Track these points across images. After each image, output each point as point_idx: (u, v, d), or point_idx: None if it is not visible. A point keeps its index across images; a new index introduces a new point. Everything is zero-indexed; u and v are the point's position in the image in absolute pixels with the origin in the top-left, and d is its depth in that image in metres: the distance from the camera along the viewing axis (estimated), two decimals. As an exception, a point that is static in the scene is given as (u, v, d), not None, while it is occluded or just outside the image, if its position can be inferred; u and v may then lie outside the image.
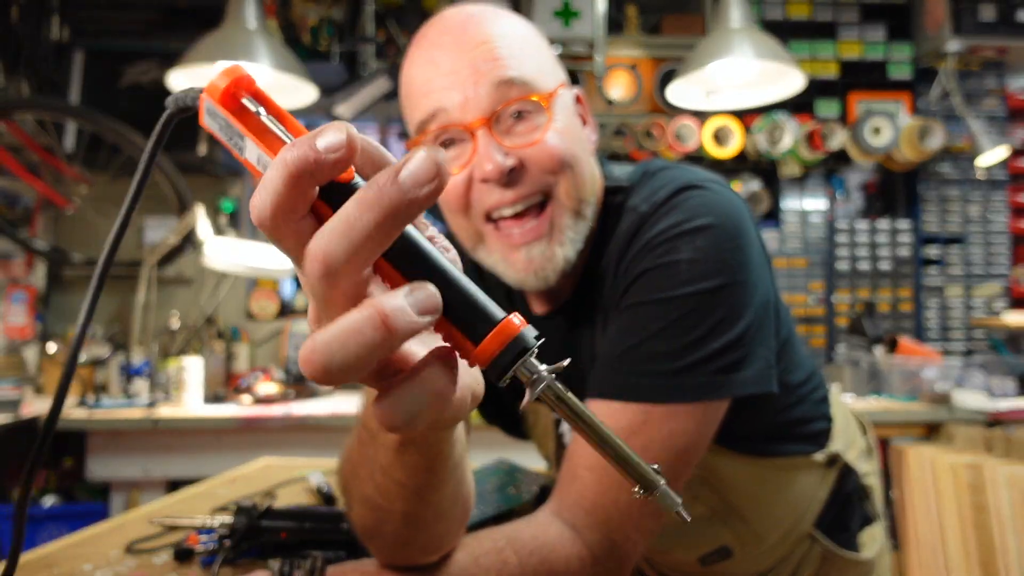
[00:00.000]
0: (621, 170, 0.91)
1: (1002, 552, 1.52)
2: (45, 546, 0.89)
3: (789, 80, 2.49)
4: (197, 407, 2.51)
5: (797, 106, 3.12)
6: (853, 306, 3.22)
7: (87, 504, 2.55)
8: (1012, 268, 3.30)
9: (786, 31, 3.18)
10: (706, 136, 3.11)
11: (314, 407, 2.51)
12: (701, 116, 3.08)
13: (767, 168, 3.27)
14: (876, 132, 3.10)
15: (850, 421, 1.05)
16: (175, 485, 2.22)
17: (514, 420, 1.09)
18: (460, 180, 0.80)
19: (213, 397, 2.66)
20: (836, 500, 0.96)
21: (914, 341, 2.98)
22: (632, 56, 3.24)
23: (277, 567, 0.72)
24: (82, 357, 2.73)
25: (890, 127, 3.09)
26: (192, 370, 2.54)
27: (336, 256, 0.31)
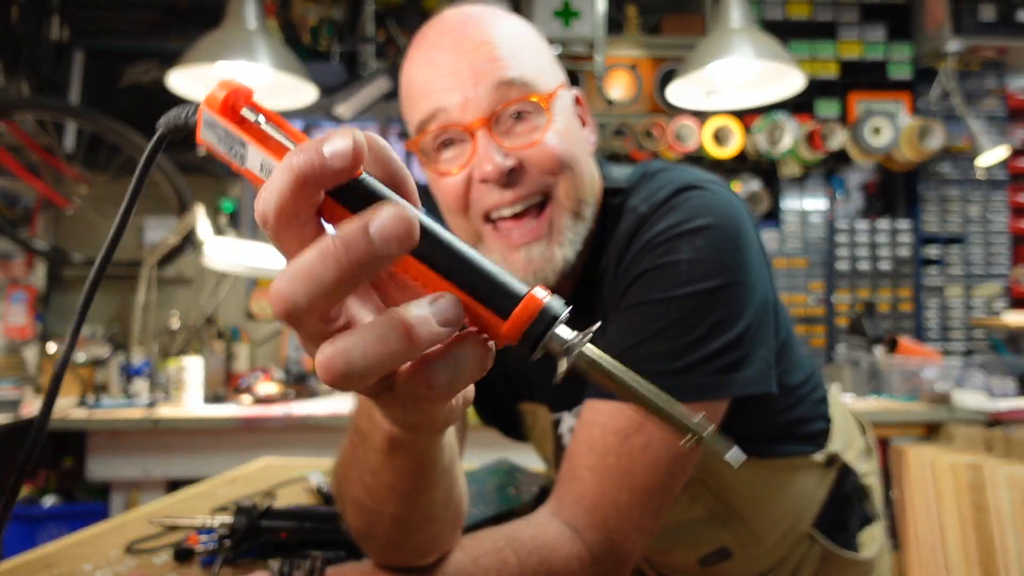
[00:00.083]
0: (620, 171, 0.91)
1: (1002, 552, 1.52)
2: (45, 546, 0.89)
3: (789, 80, 2.49)
4: (197, 407, 2.51)
5: (797, 106, 3.12)
6: (853, 306, 3.22)
7: (87, 504, 2.55)
8: (1012, 268, 3.29)
9: (786, 31, 3.18)
10: (706, 136, 3.11)
11: (314, 407, 2.51)
12: (701, 116, 3.08)
13: (767, 168, 3.27)
14: (876, 132, 3.10)
15: (849, 421, 1.05)
16: (175, 485, 2.22)
17: (512, 421, 1.09)
18: (459, 180, 0.81)
19: (213, 397, 2.66)
20: (835, 500, 0.96)
21: (914, 341, 2.98)
22: (632, 56, 3.24)
23: (277, 567, 0.72)
24: (82, 357, 2.74)
25: (890, 127, 3.08)
26: (192, 370, 2.54)
27: (297, 303, 0.31)
